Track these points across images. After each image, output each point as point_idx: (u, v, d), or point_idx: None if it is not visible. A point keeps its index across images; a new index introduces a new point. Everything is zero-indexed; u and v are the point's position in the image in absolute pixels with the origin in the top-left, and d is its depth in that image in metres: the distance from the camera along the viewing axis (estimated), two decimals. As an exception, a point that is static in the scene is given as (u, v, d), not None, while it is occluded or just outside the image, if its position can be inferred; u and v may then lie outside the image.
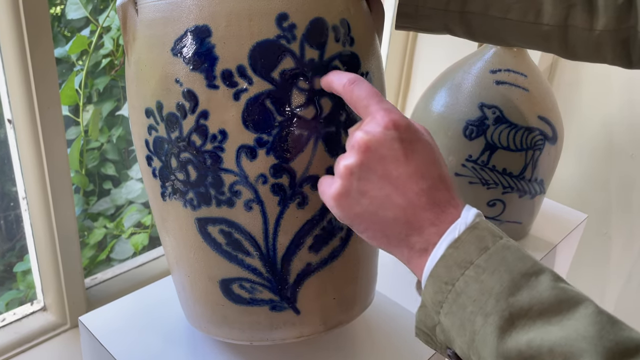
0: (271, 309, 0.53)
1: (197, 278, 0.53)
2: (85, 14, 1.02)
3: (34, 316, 0.90)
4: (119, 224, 1.22)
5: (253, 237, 0.49)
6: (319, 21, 0.46)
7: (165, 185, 0.51)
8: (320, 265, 0.52)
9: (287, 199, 0.48)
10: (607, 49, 0.53)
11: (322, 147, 0.48)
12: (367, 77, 0.51)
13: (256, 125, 0.46)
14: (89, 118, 1.11)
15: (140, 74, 0.49)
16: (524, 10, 0.52)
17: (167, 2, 0.47)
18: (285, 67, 0.45)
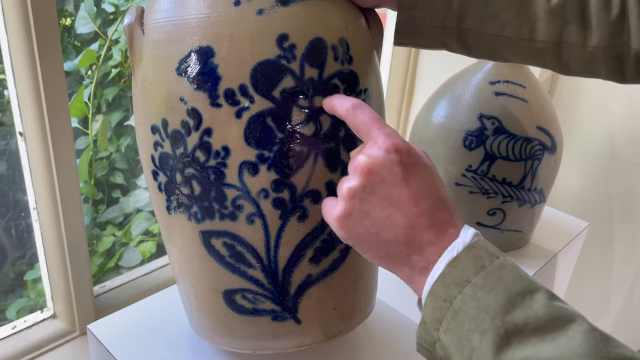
0: (273, 319, 0.54)
1: (201, 288, 0.55)
2: (94, 28, 1.04)
3: (43, 324, 0.91)
4: (127, 232, 1.24)
5: (255, 250, 0.51)
6: (318, 41, 0.48)
7: (170, 199, 0.53)
8: (321, 277, 0.53)
9: (288, 213, 0.50)
10: (601, 64, 0.54)
11: (321, 162, 0.49)
12: (365, 94, 0.52)
13: (258, 142, 0.47)
14: (98, 128, 1.13)
15: (146, 92, 0.51)
16: (518, 27, 0.53)
17: (172, 24, 0.49)
18: (286, 86, 0.47)
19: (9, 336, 0.88)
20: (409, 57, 1.33)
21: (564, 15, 0.52)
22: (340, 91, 0.49)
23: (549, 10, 0.52)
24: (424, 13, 0.52)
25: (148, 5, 0.53)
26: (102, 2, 1.07)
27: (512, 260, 0.40)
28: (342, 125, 0.49)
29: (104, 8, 1.06)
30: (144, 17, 0.53)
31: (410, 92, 1.38)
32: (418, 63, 1.34)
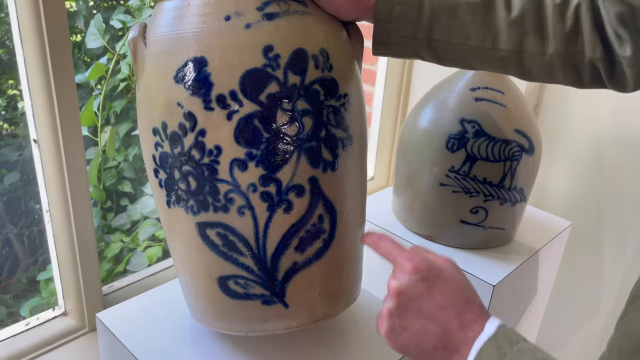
0: (263, 302, 0.59)
1: (198, 276, 0.60)
2: (103, 43, 1.11)
3: (55, 321, 0.96)
4: (135, 238, 1.29)
5: (245, 239, 0.56)
6: (301, 51, 0.54)
7: (170, 194, 0.58)
8: (306, 264, 0.59)
9: (275, 205, 0.55)
10: (559, 71, 0.59)
11: (304, 159, 0.55)
12: (344, 98, 0.58)
13: (246, 141, 0.53)
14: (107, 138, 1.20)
15: (148, 99, 0.57)
16: (482, 37, 0.58)
17: (171, 37, 0.55)
18: (271, 91, 0.53)
19: (23, 332, 0.92)
20: (404, 64, 1.39)
21: (523, 26, 0.57)
22: (321, 96, 0.55)
23: (510, 21, 0.57)
24: (397, 25, 0.58)
25: (150, 21, 0.59)
26: (111, 19, 1.14)
27: (533, 344, 0.46)
28: (323, 126, 0.55)
29: (112, 24, 1.13)
30: (146, 32, 0.59)
31: (406, 97, 1.43)
32: (413, 69, 1.39)
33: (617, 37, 0.54)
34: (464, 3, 0.57)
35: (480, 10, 0.57)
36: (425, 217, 0.96)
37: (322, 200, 0.57)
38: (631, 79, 0.56)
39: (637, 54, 0.54)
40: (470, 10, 0.57)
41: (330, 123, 0.56)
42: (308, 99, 0.54)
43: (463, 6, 0.57)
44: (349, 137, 0.59)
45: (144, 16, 1.11)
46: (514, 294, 0.97)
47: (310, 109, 0.55)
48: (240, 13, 0.53)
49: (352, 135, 0.59)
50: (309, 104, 0.54)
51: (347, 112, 0.58)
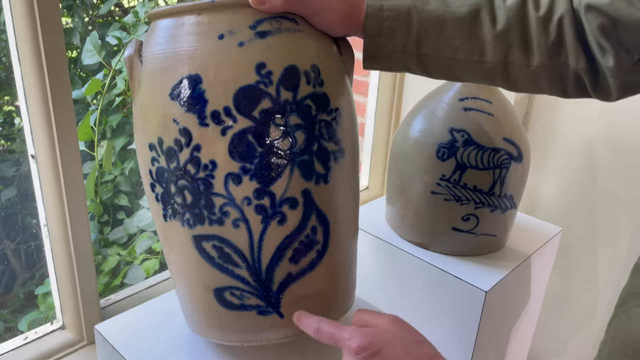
0: (258, 313, 0.60)
1: (194, 287, 0.62)
2: (99, 59, 1.12)
3: (53, 334, 0.97)
4: (132, 251, 1.30)
5: (240, 251, 0.58)
6: (292, 68, 0.56)
7: (166, 208, 0.60)
8: (300, 275, 0.60)
9: (269, 218, 0.57)
10: (544, 82, 0.61)
11: (297, 172, 0.56)
12: (336, 112, 0.59)
13: (241, 156, 0.55)
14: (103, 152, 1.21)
15: (144, 115, 0.59)
16: (469, 50, 0.60)
17: (166, 55, 0.57)
18: (264, 107, 0.54)
19: (21, 346, 0.93)
20: (395, 75, 1.41)
21: (508, 39, 0.59)
22: (313, 110, 0.57)
23: (495, 35, 0.59)
24: (386, 40, 0.60)
25: (145, 39, 0.61)
26: (106, 35, 1.16)
27: None
28: (315, 140, 0.57)
29: (108, 41, 1.15)
30: (142, 49, 0.61)
31: (398, 107, 1.45)
32: (405, 80, 1.41)
33: (600, 48, 0.56)
34: (450, 18, 0.59)
35: (466, 24, 0.59)
36: (417, 225, 0.97)
37: (315, 212, 0.58)
38: (614, 88, 0.58)
39: (619, 64, 0.55)
40: (457, 24, 0.59)
41: (322, 137, 0.58)
42: (300, 114, 0.56)
43: (450, 21, 0.59)
44: (341, 149, 0.60)
45: (139, 32, 1.12)
46: (506, 300, 0.99)
47: (302, 123, 0.56)
48: (233, 32, 0.55)
49: (344, 148, 0.61)
50: (301, 119, 0.56)
51: (339, 125, 0.60)
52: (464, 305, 0.91)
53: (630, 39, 0.54)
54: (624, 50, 0.55)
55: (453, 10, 0.59)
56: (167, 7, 0.59)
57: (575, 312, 1.40)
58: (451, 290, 0.92)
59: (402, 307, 1.01)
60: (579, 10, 0.57)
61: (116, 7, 1.35)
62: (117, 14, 1.41)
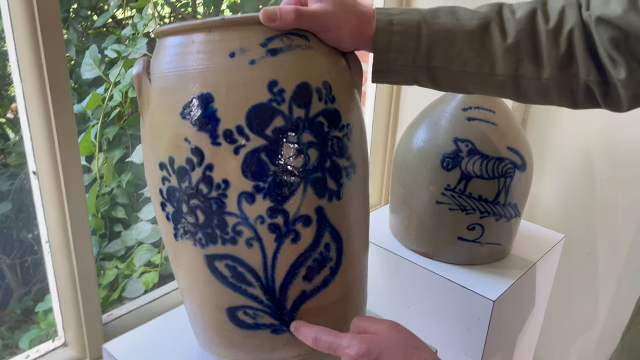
0: (272, 332, 0.60)
1: (206, 307, 0.61)
2: (99, 73, 1.11)
3: (55, 352, 0.95)
4: (130, 264, 1.28)
5: (254, 270, 0.57)
6: (304, 85, 0.55)
7: (177, 227, 0.59)
8: (314, 292, 0.59)
9: (282, 236, 0.56)
10: (554, 94, 0.61)
11: (310, 190, 0.56)
12: (347, 128, 0.59)
13: (254, 175, 0.54)
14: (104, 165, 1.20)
15: (154, 133, 0.58)
16: (479, 63, 0.60)
17: (176, 74, 0.56)
18: (277, 125, 0.54)
19: (23, 365, 0.92)
20: (391, 88, 1.41)
21: (519, 52, 0.59)
22: (325, 127, 0.56)
23: (505, 48, 0.59)
24: (396, 55, 0.60)
25: (153, 57, 0.60)
26: (105, 48, 1.14)
27: None
28: (327, 157, 0.56)
29: (107, 54, 1.14)
30: (150, 67, 0.60)
31: (396, 116, 1.45)
32: (401, 93, 1.42)
33: (611, 60, 0.56)
34: (460, 31, 0.59)
35: (476, 37, 0.59)
36: (422, 234, 0.97)
37: (328, 229, 0.58)
38: (625, 99, 0.58)
39: (631, 75, 0.56)
40: (467, 38, 0.59)
41: (335, 153, 0.57)
42: (313, 131, 0.55)
43: (460, 34, 0.59)
44: (352, 165, 0.60)
45: (138, 45, 1.11)
46: (513, 308, 0.99)
47: (315, 140, 0.56)
48: (244, 49, 0.54)
49: (355, 164, 0.60)
50: (314, 136, 0.55)
51: (350, 141, 0.59)
52: (471, 315, 0.91)
53: None
54: (636, 62, 0.55)
55: (463, 24, 0.59)
56: (176, 24, 0.58)
57: (576, 317, 1.40)
58: (458, 300, 0.92)
59: (408, 317, 1.01)
60: (589, 22, 0.57)
61: (111, 18, 1.34)
62: (110, 25, 1.40)
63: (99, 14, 1.30)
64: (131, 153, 1.25)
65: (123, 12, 1.33)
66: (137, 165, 1.28)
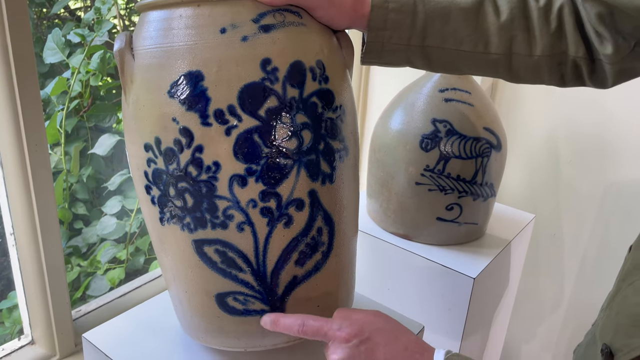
0: None
1: (194, 293, 0.59)
2: (63, 57, 1.05)
3: (22, 350, 0.91)
4: (93, 261, 1.23)
5: (245, 255, 0.55)
6: (298, 64, 0.53)
7: (163, 211, 0.56)
8: (305, 277, 0.58)
9: (275, 220, 0.54)
10: (545, 71, 0.61)
11: (304, 173, 0.54)
12: (340, 109, 0.57)
13: (246, 157, 0.52)
14: (63, 156, 1.14)
15: (139, 113, 0.55)
16: (474, 42, 0.59)
17: (162, 50, 0.53)
18: (270, 105, 0.52)
19: (-13, 364, 0.87)
20: (360, 73, 1.40)
21: (512, 29, 0.59)
22: (319, 108, 0.54)
23: (500, 26, 0.59)
24: (392, 33, 0.58)
25: (135, 32, 0.57)
26: (67, 33, 1.09)
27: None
28: (321, 139, 0.55)
29: (70, 39, 1.08)
30: (132, 42, 0.56)
31: (364, 105, 1.45)
32: (370, 78, 1.41)
33: (598, 36, 0.57)
34: (456, 9, 0.58)
35: (471, 15, 0.58)
36: (402, 216, 0.97)
37: (321, 213, 0.56)
38: (611, 75, 0.59)
39: (617, 51, 0.57)
40: (462, 15, 0.58)
41: (329, 135, 0.56)
42: (307, 112, 0.53)
43: (455, 12, 0.58)
44: (345, 148, 0.58)
45: (103, 29, 1.06)
46: (490, 286, 1.01)
47: (309, 122, 0.54)
48: (236, 25, 0.52)
49: (348, 146, 0.59)
50: (308, 117, 0.54)
51: (343, 123, 0.58)
52: (452, 293, 0.92)
53: (627, 25, 0.55)
54: (622, 37, 0.56)
55: (457, 2, 0.58)
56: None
57: (542, 298, 1.44)
58: (439, 279, 0.93)
59: (389, 299, 1.01)
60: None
61: (63, 9, 1.27)
62: (63, 16, 1.33)
63: (53, 3, 1.22)
64: (91, 146, 1.20)
65: (76, 1, 1.27)
66: (98, 159, 1.23)
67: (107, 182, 1.20)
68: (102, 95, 1.24)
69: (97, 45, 1.10)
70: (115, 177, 1.19)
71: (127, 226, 1.21)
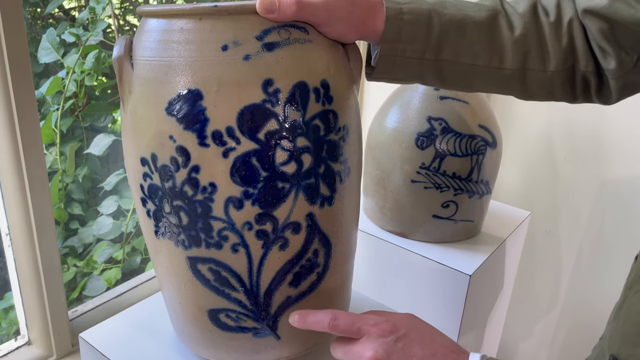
0: (254, 335, 0.58)
1: (187, 306, 0.58)
2: (58, 57, 1.02)
3: (19, 351, 0.91)
4: (90, 262, 1.22)
5: (239, 275, 0.54)
6: (302, 85, 0.51)
7: (158, 225, 0.55)
8: (299, 298, 0.57)
9: (270, 243, 0.53)
10: (557, 87, 0.60)
11: (302, 196, 0.53)
12: (344, 130, 0.55)
13: (243, 180, 0.50)
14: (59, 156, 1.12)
15: (136, 126, 0.53)
16: (489, 56, 0.57)
17: (161, 64, 0.50)
18: (270, 129, 0.50)
19: (-16, 366, 0.87)
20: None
21: (526, 44, 0.57)
22: (321, 131, 0.53)
23: (514, 40, 0.57)
24: (405, 46, 0.56)
25: (136, 38, 0.54)
26: (62, 33, 1.06)
27: None
28: (322, 162, 0.53)
29: (64, 38, 1.05)
30: (132, 48, 0.54)
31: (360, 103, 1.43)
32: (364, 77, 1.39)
33: (601, 51, 0.56)
34: (471, 22, 0.56)
35: (485, 29, 0.57)
36: (398, 214, 0.97)
37: (318, 236, 0.55)
38: (615, 91, 0.58)
39: (620, 66, 0.56)
40: (477, 29, 0.56)
41: (330, 158, 0.54)
42: (308, 136, 0.52)
43: (470, 25, 0.56)
44: (347, 169, 0.57)
45: (98, 29, 1.03)
46: (486, 283, 1.02)
47: (310, 145, 0.52)
48: (238, 42, 0.49)
49: (350, 167, 0.57)
50: (309, 141, 0.52)
51: (346, 143, 0.56)
52: (449, 291, 0.93)
53: (629, 39, 0.54)
54: (624, 52, 0.55)
55: (471, 15, 0.57)
56: (163, 6, 0.52)
57: (538, 295, 1.45)
58: (435, 277, 0.94)
59: (386, 297, 1.02)
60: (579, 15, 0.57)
61: (57, 8, 1.24)
62: (57, 15, 1.29)
63: (47, 3, 1.19)
64: (87, 146, 1.17)
65: (70, 1, 1.23)
66: (94, 159, 1.21)
67: (103, 182, 1.19)
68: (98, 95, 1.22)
69: (92, 45, 1.07)
70: (111, 177, 1.17)
71: (123, 226, 1.20)
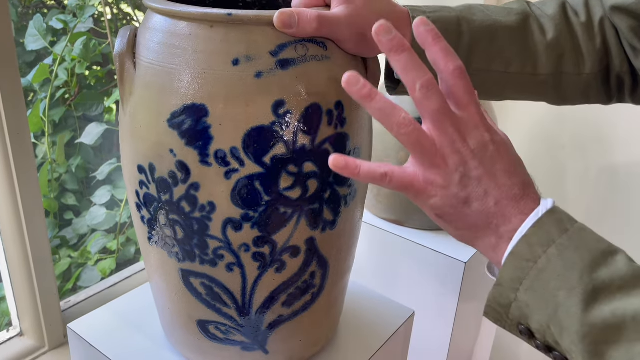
0: (242, 349, 0.57)
1: (177, 312, 0.57)
2: (45, 44, 0.99)
3: (11, 342, 0.90)
4: (84, 252, 1.20)
5: (232, 293, 0.53)
6: (315, 107, 0.48)
7: (152, 232, 0.53)
8: (292, 316, 0.56)
9: (267, 265, 0.51)
10: (593, 89, 0.58)
11: (304, 222, 0.50)
12: (354, 152, 0.52)
13: (244, 202, 0.48)
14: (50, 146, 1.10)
15: (135, 131, 0.50)
16: (522, 62, 0.54)
17: (166, 71, 0.47)
18: (277, 153, 0.47)
19: (-23, 358, 0.87)
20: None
21: (560, 47, 0.55)
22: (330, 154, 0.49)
23: (547, 44, 0.55)
24: None
25: (140, 32, 0.51)
26: (50, 20, 1.03)
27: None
28: (328, 187, 0.51)
29: (52, 25, 1.02)
30: (136, 44, 0.51)
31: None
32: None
33: (632, 49, 0.54)
34: (501, 27, 0.54)
35: (517, 34, 0.54)
36: (393, 202, 0.96)
37: (316, 259, 0.54)
38: None
39: None
40: (508, 34, 0.54)
41: (336, 182, 0.51)
42: (316, 161, 0.49)
43: (501, 31, 0.54)
44: (353, 191, 0.54)
45: (86, 15, 0.99)
46: (482, 270, 1.01)
47: (317, 171, 0.49)
48: (250, 57, 0.46)
49: (357, 189, 0.55)
50: (317, 166, 0.49)
51: None
52: (444, 278, 0.92)
53: None
54: None
55: (501, 20, 0.54)
56: (173, 5, 0.48)
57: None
58: (431, 264, 0.93)
59: (381, 285, 1.01)
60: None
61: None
62: (50, 3, 1.25)
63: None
64: (79, 135, 1.14)
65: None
66: (87, 148, 1.18)
67: (96, 171, 1.17)
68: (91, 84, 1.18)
69: (81, 32, 1.04)
70: (103, 166, 1.15)
71: (117, 216, 1.19)
